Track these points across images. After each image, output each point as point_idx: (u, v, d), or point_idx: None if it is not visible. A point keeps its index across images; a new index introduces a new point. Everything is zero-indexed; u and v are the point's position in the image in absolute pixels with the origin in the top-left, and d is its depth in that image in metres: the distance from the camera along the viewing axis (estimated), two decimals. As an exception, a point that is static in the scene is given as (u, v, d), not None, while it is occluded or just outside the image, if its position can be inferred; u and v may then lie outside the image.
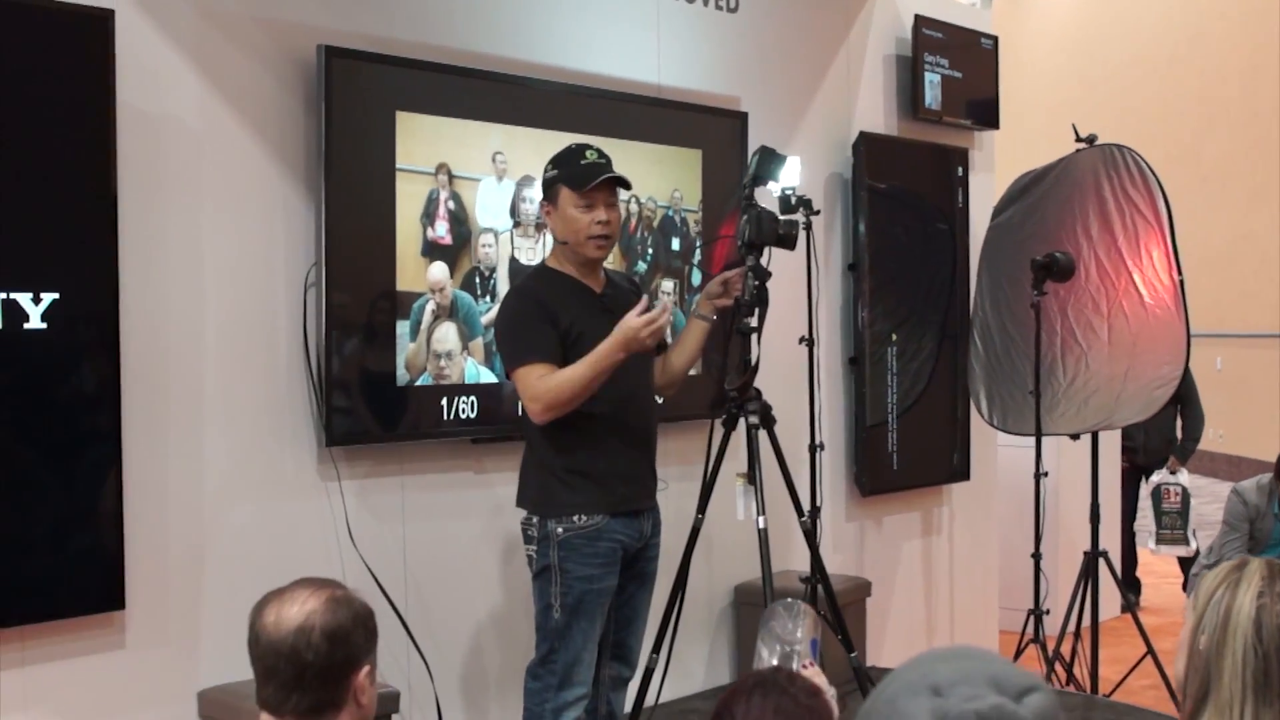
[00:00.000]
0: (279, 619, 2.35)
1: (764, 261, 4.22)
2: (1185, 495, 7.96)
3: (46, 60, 3.79)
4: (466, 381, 4.74)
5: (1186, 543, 7.96)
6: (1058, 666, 5.91)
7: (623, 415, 4.07)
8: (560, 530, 4.00)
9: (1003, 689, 1.27)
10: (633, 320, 3.87)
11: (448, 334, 4.69)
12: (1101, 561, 5.98)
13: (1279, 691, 2.15)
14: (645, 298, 4.02)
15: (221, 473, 4.26)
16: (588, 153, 4.07)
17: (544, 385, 3.90)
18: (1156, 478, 8.01)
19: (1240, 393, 14.09)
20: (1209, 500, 13.13)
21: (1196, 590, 2.29)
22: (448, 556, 4.83)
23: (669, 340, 4.38)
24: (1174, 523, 7.96)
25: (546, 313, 3.97)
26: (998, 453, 7.28)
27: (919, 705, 1.26)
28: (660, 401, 4.42)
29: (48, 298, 3.76)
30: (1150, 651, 5.91)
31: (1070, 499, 7.54)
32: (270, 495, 4.38)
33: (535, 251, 4.88)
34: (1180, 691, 2.27)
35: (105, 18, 3.88)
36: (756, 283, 4.18)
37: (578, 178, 4.02)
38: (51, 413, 3.82)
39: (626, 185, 4.12)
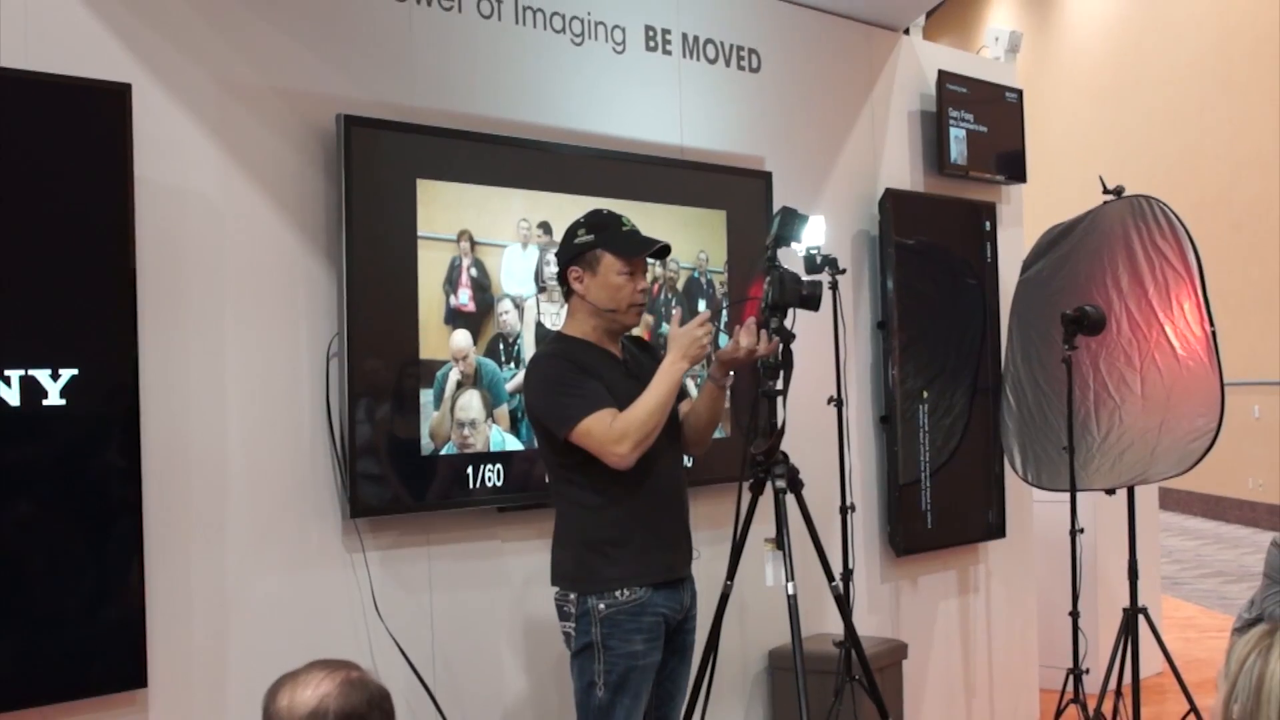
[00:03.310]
0: (293, 703, 2.31)
1: (788, 323, 4.18)
2: None
3: (64, 135, 3.78)
4: (492, 449, 4.70)
5: None
6: (1099, 727, 5.82)
7: (655, 479, 4.00)
8: (602, 606, 3.91)
9: None
10: (684, 328, 3.91)
11: (471, 402, 4.65)
12: (1142, 618, 5.88)
13: (1318, 762, 2.08)
14: (679, 310, 4.01)
15: (245, 546, 4.22)
16: (624, 219, 4.06)
17: (626, 424, 3.82)
18: None
19: (1278, 440, 13.95)
20: (1250, 550, 13.00)
21: (1228, 657, 2.22)
22: (476, 628, 4.77)
23: (691, 394, 4.35)
24: None
25: (585, 370, 3.93)
26: (1034, 509, 7.19)
27: None
28: (689, 464, 4.38)
29: (66, 374, 3.74)
30: (1193, 708, 5.82)
31: (1108, 555, 7.44)
32: (294, 568, 4.33)
33: (560, 316, 4.84)
34: (1217, 763, 2.20)
35: (122, 92, 3.87)
36: (781, 345, 4.14)
37: (627, 245, 4.00)
38: (72, 489, 3.78)
39: (668, 253, 4.14)
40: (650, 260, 4.13)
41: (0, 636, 3.64)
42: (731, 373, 4.14)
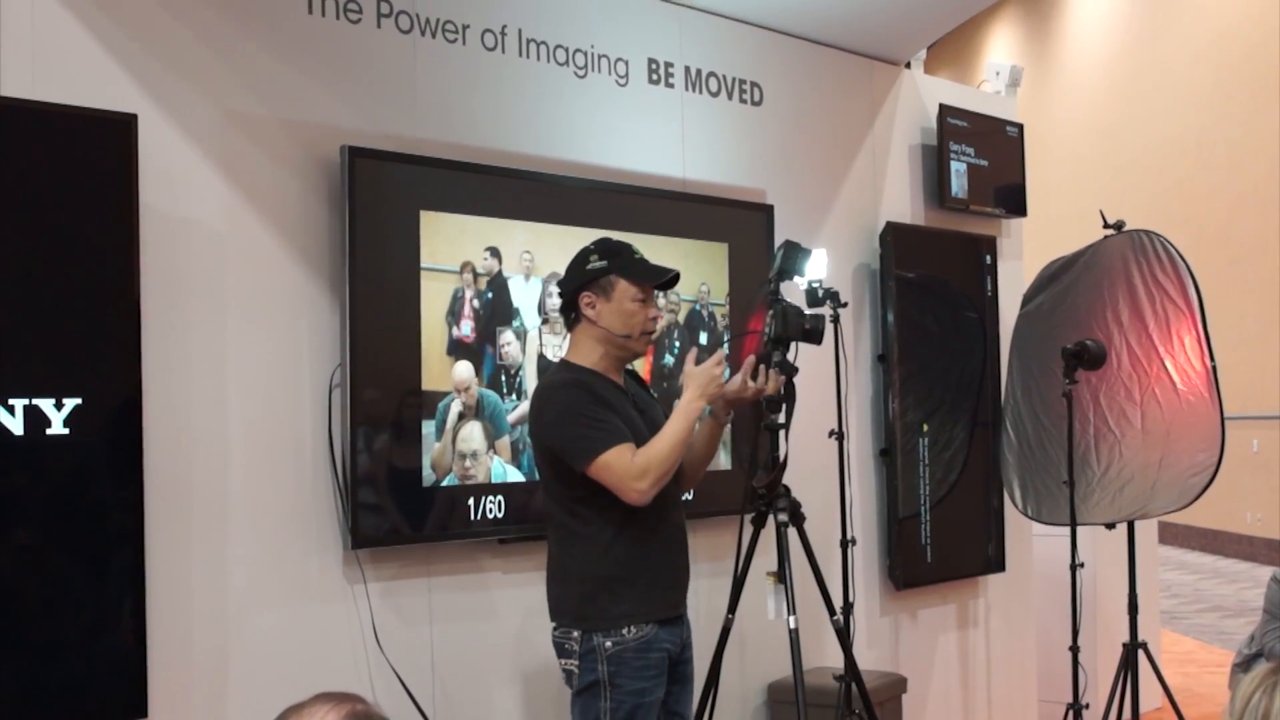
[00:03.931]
0: (297, 736, 2.29)
1: (791, 357, 4.17)
2: None
3: (69, 164, 3.79)
4: (493, 481, 4.70)
5: None
6: (1099, 762, 5.80)
7: (658, 514, 3.94)
8: (609, 644, 3.84)
9: None
10: (701, 366, 3.90)
11: (473, 433, 4.65)
12: (1141, 653, 5.87)
13: (1324, 800, 2.08)
14: (695, 349, 4.02)
15: (246, 577, 4.21)
16: (634, 247, 4.04)
17: (648, 460, 3.78)
18: None
19: (1277, 475, 13.94)
20: (1249, 585, 12.98)
21: (1233, 694, 2.23)
22: (477, 659, 4.75)
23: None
24: None
25: (602, 402, 3.88)
26: (1033, 543, 7.18)
27: None
28: (689, 498, 4.37)
29: (70, 403, 3.74)
30: (1194, 745, 5.80)
31: (1108, 589, 7.43)
32: (295, 599, 4.32)
33: (563, 349, 4.85)
34: (1223, 801, 2.20)
35: (128, 122, 3.88)
36: (783, 379, 4.13)
37: (642, 272, 3.98)
38: (74, 519, 3.78)
39: (676, 281, 4.13)
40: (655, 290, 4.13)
41: (1, 665, 3.63)
42: (729, 414, 4.14)
